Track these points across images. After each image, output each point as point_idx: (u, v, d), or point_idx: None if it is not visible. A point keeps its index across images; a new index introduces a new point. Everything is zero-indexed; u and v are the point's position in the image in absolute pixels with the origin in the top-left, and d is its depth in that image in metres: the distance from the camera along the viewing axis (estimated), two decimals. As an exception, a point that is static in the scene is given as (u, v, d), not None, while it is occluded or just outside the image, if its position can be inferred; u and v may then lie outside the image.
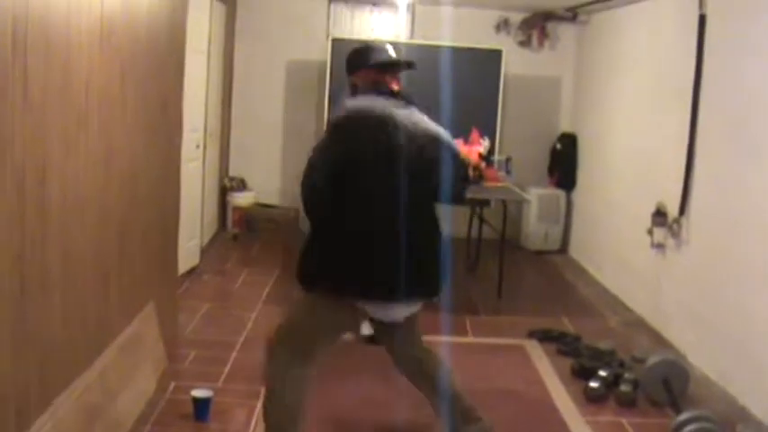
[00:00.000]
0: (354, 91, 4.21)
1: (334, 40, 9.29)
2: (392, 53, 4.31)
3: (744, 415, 5.28)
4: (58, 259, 3.65)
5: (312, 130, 9.92)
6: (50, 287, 3.58)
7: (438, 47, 9.12)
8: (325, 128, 4.37)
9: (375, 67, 4.18)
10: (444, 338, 6.25)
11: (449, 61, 7.14)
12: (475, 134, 7.99)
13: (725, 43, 6.10)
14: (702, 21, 6.35)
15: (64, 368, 3.80)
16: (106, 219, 4.29)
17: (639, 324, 7.23)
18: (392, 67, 4.24)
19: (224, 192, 9.87)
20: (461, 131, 7.11)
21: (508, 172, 9.04)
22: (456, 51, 9.11)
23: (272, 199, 10.24)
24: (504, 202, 7.88)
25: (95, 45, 3.97)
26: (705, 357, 6.04)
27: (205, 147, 8.31)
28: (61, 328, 3.73)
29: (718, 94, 6.17)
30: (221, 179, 9.83)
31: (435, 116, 4.31)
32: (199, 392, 4.81)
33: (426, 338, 5.16)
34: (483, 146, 7.94)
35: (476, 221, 8.98)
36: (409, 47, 9.35)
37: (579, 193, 9.92)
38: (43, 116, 3.38)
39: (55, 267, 3.62)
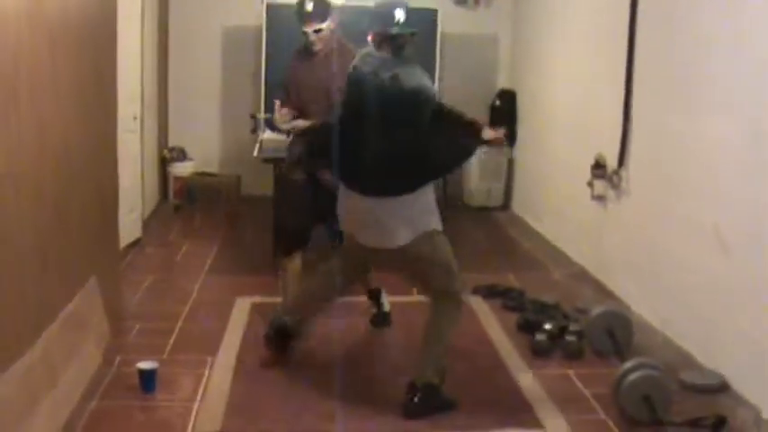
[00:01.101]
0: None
1: (269, 6, 9.16)
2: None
3: (687, 361, 5.35)
4: (-8, 237, 3.59)
5: (249, 96, 9.82)
6: (-14, 265, 3.53)
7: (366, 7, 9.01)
8: None
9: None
10: (391, 298, 6.26)
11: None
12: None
13: (658, -5, 6.14)
14: (636, -28, 6.38)
15: (5, 348, 3.74)
16: (41, 194, 4.22)
17: (583, 276, 7.30)
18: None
19: (164, 162, 9.77)
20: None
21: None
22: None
23: (213, 167, 10.17)
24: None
25: (22, 14, 3.87)
26: (648, 307, 6.11)
27: (143, 117, 8.19)
28: (-1, 307, 3.67)
29: (654, 46, 6.20)
30: (161, 150, 9.71)
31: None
32: (144, 364, 4.78)
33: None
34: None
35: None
36: (342, 8, 9.25)
37: (520, 150, 9.96)
38: (-30, 91, 3.31)
39: (-10, 245, 3.56)
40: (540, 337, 5.59)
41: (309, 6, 5.64)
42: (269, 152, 6.76)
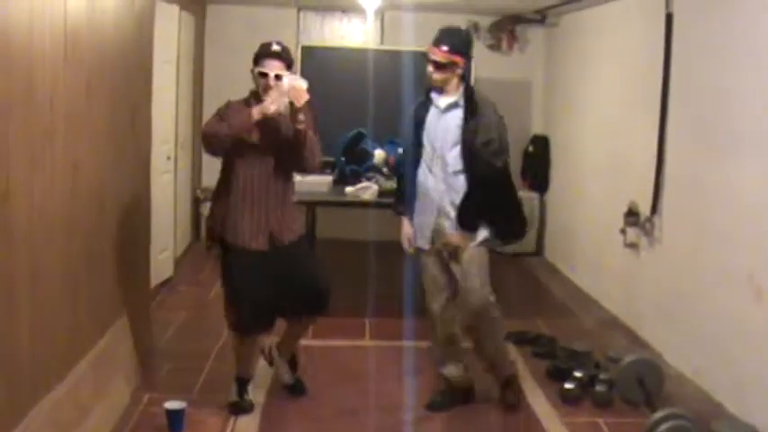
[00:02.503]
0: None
1: (304, 48, 9.27)
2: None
3: (719, 411, 5.30)
4: (25, 274, 3.62)
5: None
6: (18, 303, 3.55)
7: (408, 52, 9.09)
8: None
9: None
10: (419, 343, 6.25)
11: (419, 67, 7.14)
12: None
13: (692, 42, 6.14)
14: (669, 20, 6.38)
15: (34, 384, 3.77)
16: (74, 233, 4.26)
17: (614, 324, 7.25)
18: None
19: (197, 202, 9.82)
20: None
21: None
22: (426, 57, 9.09)
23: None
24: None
25: (60, 57, 3.94)
26: (680, 356, 6.06)
27: (176, 158, 8.27)
28: (29, 344, 3.69)
29: (686, 93, 6.20)
30: (194, 190, 9.78)
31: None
32: (172, 404, 4.78)
33: (404, 344, 5.26)
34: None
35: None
36: (379, 53, 9.36)
37: (552, 196, 9.94)
38: (6, 130, 3.35)
39: (22, 283, 3.59)
40: (569, 384, 5.54)
41: (276, 47, 4.99)
42: (302, 194, 6.78)
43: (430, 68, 5.14)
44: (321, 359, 6.15)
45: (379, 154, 8.46)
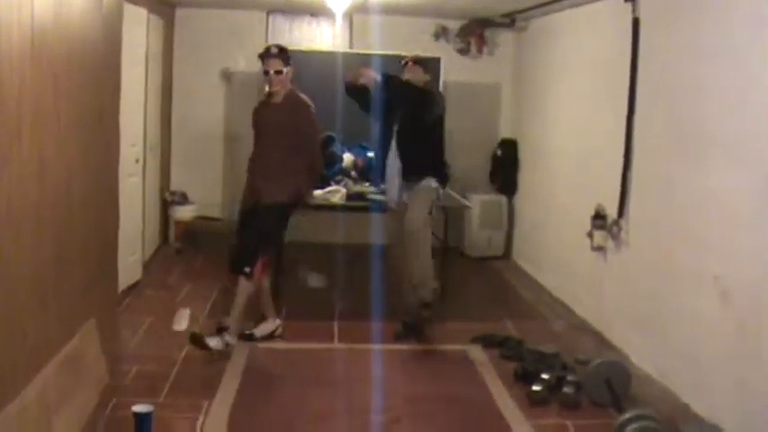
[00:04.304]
0: None
1: (273, 51, 9.25)
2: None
3: (686, 413, 5.34)
4: (-9, 275, 3.59)
5: (251, 141, 9.84)
6: (-16, 304, 3.53)
7: (377, 55, 9.10)
8: None
9: None
10: (388, 346, 6.26)
11: (388, 70, 7.18)
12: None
13: (660, 45, 6.19)
14: (636, 24, 6.43)
15: (0, 387, 3.73)
16: (42, 234, 4.23)
17: (582, 327, 7.29)
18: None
19: (165, 205, 9.78)
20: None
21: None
22: (395, 60, 9.11)
23: (215, 212, 10.17)
24: (444, 210, 7.89)
25: (26, 56, 3.91)
26: (647, 358, 6.10)
27: (145, 161, 8.23)
28: (-4, 345, 3.67)
29: (654, 96, 6.25)
30: (162, 193, 9.73)
31: (375, 124, 7.02)
32: (140, 407, 4.74)
33: (373, 347, 5.26)
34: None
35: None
36: (348, 56, 9.36)
37: (521, 199, 9.98)
38: (-27, 130, 3.33)
39: (-12, 284, 3.56)
40: (537, 386, 5.56)
41: (274, 50, 6.44)
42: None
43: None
44: (290, 363, 6.14)
45: (347, 157, 8.48)
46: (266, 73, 6.45)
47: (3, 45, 3.62)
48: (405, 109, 6.81)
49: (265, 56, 6.42)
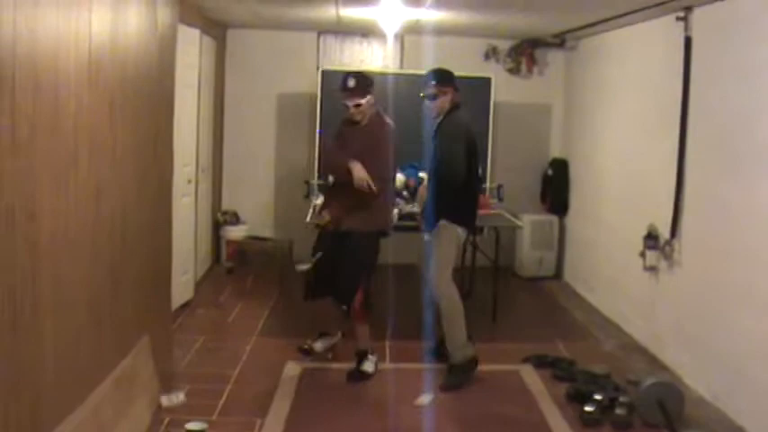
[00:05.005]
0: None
1: (324, 72, 9.33)
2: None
3: (740, 435, 5.28)
4: (49, 295, 3.65)
5: (304, 162, 9.94)
6: (42, 323, 3.59)
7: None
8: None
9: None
10: (440, 366, 6.26)
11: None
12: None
13: (712, 64, 6.15)
14: (688, 43, 6.40)
15: (56, 404, 3.80)
16: (97, 254, 4.30)
17: (634, 347, 7.23)
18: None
19: (217, 226, 9.87)
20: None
21: (500, 199, 9.09)
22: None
23: (266, 231, 10.24)
24: (496, 230, 7.89)
25: (84, 83, 3.99)
26: (701, 379, 6.04)
27: (197, 181, 8.33)
28: (53, 364, 3.73)
29: (705, 116, 6.21)
30: (214, 213, 9.83)
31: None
32: (193, 425, 4.80)
33: (424, 367, 5.32)
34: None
35: (469, 249, 8.98)
36: (398, 76, 9.40)
37: (572, 219, 9.93)
38: (32, 154, 3.39)
39: (46, 303, 3.62)
40: (589, 407, 5.53)
41: (351, 83, 6.13)
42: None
43: None
44: (342, 382, 6.15)
45: (399, 178, 8.49)
46: (346, 106, 6.19)
47: (61, 70, 3.70)
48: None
49: (343, 89, 6.16)
